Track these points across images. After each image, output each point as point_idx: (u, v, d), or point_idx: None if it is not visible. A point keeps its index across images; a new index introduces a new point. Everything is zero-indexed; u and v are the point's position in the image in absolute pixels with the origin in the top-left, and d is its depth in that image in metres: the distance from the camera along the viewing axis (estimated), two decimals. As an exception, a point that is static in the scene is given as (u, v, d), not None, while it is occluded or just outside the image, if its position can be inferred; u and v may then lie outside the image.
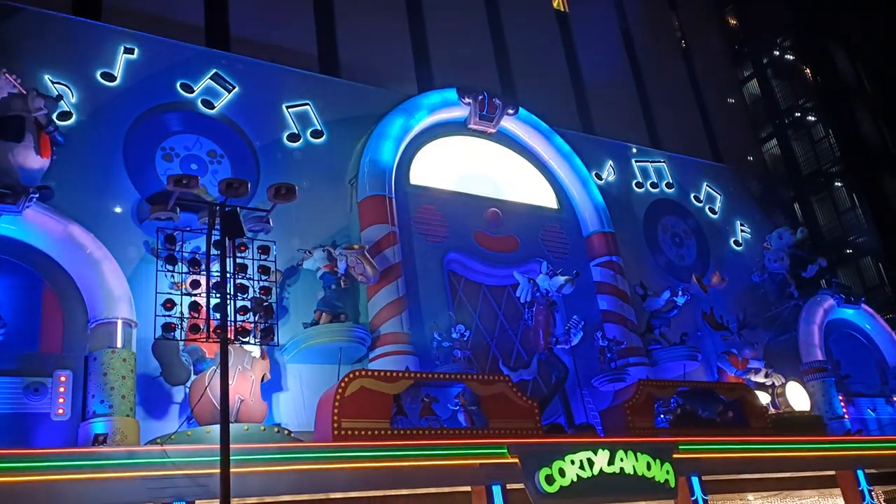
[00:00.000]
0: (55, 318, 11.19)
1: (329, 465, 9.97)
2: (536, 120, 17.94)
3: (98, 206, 12.32)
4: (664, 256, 19.32)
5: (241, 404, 10.90)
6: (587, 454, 11.56)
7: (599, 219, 17.70)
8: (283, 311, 12.97)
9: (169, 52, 14.29)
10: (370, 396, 10.79)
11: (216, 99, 14.39)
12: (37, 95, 11.15)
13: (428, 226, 15.53)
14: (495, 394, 11.89)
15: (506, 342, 15.72)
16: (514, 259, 16.19)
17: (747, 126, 27.34)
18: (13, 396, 10.25)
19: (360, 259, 13.25)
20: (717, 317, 17.71)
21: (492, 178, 17.09)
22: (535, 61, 20.97)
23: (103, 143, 12.90)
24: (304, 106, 15.32)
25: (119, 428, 10.29)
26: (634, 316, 16.85)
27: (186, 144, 13.78)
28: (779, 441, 14.05)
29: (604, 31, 23.54)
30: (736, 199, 21.98)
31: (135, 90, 13.60)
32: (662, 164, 20.66)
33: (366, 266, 13.27)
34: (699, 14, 27.58)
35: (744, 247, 21.10)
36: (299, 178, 13.30)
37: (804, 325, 18.17)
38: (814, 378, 17.23)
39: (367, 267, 13.30)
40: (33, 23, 13.19)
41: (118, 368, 10.69)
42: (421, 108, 16.39)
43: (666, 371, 16.33)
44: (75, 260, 11.31)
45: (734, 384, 15.67)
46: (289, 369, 12.91)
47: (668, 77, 24.42)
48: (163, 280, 10.84)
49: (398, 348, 13.32)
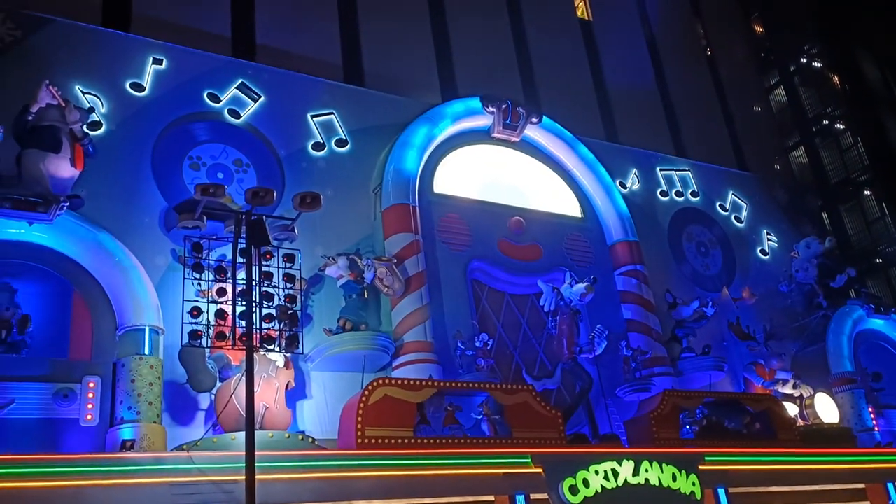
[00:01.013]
0: (84, 325, 11.36)
1: (352, 473, 9.99)
2: (560, 128, 17.92)
3: (126, 215, 12.50)
4: (689, 266, 19.17)
5: (265, 412, 10.95)
6: (612, 465, 11.46)
7: (624, 227, 17.61)
8: (308, 319, 13.04)
9: (196, 63, 14.48)
10: (393, 405, 10.80)
11: (242, 108, 14.55)
12: (74, 107, 11.35)
13: (451, 234, 15.55)
14: (519, 403, 11.84)
15: (529, 351, 15.67)
16: (537, 268, 16.15)
17: (774, 134, 27.05)
18: (43, 402, 10.37)
19: (391, 272, 13.28)
20: (744, 327, 17.52)
21: (515, 187, 17.08)
22: (559, 70, 20.95)
23: (132, 153, 13.10)
24: (329, 115, 15.43)
25: (146, 434, 10.40)
26: (659, 325, 16.72)
27: (213, 153, 13.94)
28: (807, 453, 13.84)
29: (628, 40, 23.46)
30: (762, 208, 21.76)
31: (163, 100, 13.81)
32: (687, 173, 20.52)
33: (394, 279, 13.31)
34: (725, 22, 27.38)
35: (770, 256, 20.87)
36: (324, 186, 13.41)
37: (833, 336, 17.90)
38: (843, 389, 16.98)
39: (396, 280, 13.34)
40: (64, 34, 13.44)
41: (145, 375, 10.83)
42: (445, 116, 16.44)
43: (691, 381, 16.17)
44: (104, 268, 11.47)
45: (761, 395, 15.48)
46: (313, 377, 12.97)
47: (694, 85, 24.26)
48: (189, 288, 10.95)
49: (421, 357, 13.34)
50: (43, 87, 11.16)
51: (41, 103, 11.07)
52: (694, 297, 17.14)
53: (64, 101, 11.38)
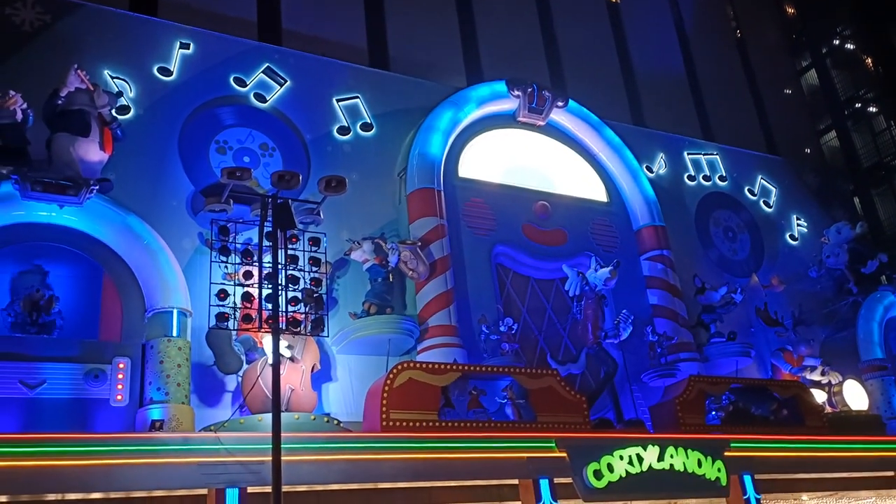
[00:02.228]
0: (114, 307, 11.52)
1: (377, 456, 10.05)
2: (586, 112, 17.74)
3: (154, 198, 12.61)
4: (716, 251, 18.97)
5: (291, 394, 11.05)
6: (636, 450, 11.43)
7: (650, 212, 17.45)
8: (333, 302, 13.10)
9: (223, 47, 14.53)
10: (418, 388, 10.83)
11: (268, 93, 14.59)
12: (102, 92, 11.45)
13: (476, 219, 15.51)
14: (543, 387, 11.82)
15: (554, 336, 15.63)
16: (562, 252, 16.06)
17: (805, 117, 26.60)
18: (74, 382, 10.54)
19: (415, 256, 13.31)
20: (772, 313, 17.30)
21: (540, 171, 16.97)
22: (586, 53, 20.74)
23: (160, 137, 13.19)
24: (354, 99, 15.42)
25: (174, 414, 10.54)
26: (685, 311, 16.58)
27: (239, 137, 14.01)
28: (835, 440, 13.70)
29: (656, 22, 23.14)
30: (792, 193, 21.42)
31: (190, 84, 13.88)
32: (716, 157, 20.26)
33: (419, 262, 13.34)
34: (755, 3, 26.91)
35: (800, 241, 20.58)
36: (349, 170, 13.43)
37: (863, 322, 17.64)
38: (873, 376, 16.75)
39: (420, 264, 13.37)
40: (93, 19, 13.54)
41: (174, 356, 10.96)
42: (470, 100, 16.35)
43: (718, 367, 16.03)
44: (133, 250, 11.61)
45: (789, 381, 15.31)
46: (338, 360, 13.05)
47: (723, 68, 23.89)
48: (216, 271, 11.05)
49: (446, 341, 13.34)
50: (72, 71, 11.26)
51: (70, 87, 11.17)
52: (722, 282, 16.94)
53: (93, 85, 11.47)
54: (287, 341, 11.13)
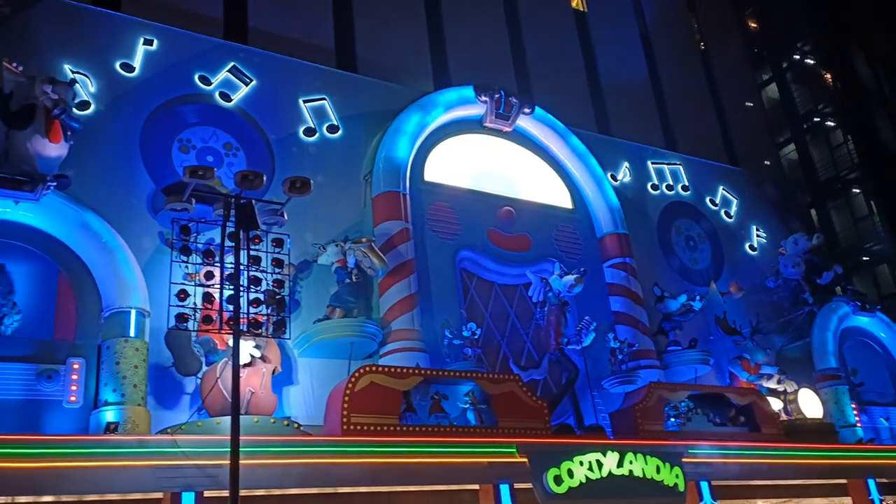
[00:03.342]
0: (69, 306, 11.27)
1: (337, 460, 10.00)
2: (552, 119, 17.88)
3: (114, 196, 12.38)
4: (678, 259, 19.22)
5: (251, 396, 10.91)
6: (596, 455, 11.52)
7: (613, 220, 17.63)
8: (296, 304, 13.00)
9: (188, 45, 14.34)
10: (380, 392, 10.79)
11: (233, 92, 14.43)
12: (43, 81, 11.06)
13: (441, 223, 15.52)
14: (505, 393, 11.87)
15: (517, 341, 15.68)
16: (527, 258, 16.16)
17: (765, 130, 27.11)
18: (27, 383, 10.33)
19: (367, 252, 13.22)
20: (730, 322, 17.58)
21: (506, 177, 17.05)
22: (553, 60, 20.89)
23: (121, 133, 12.97)
24: (321, 101, 15.33)
25: (130, 417, 10.36)
26: (647, 318, 16.77)
27: (203, 136, 13.83)
28: (790, 448, 13.96)
29: (622, 32, 23.40)
30: (752, 204, 21.82)
31: (153, 81, 13.67)
32: (678, 167, 20.54)
33: (373, 259, 13.25)
34: (719, 16, 27.36)
35: (759, 251, 20.96)
36: (314, 172, 13.33)
37: (818, 332, 18.04)
38: (827, 385, 17.11)
39: (375, 259, 13.28)
40: (55, 12, 13.25)
41: (130, 357, 10.77)
42: (437, 105, 16.37)
43: (677, 375, 16.23)
44: (90, 248, 11.37)
45: (746, 389, 15.55)
46: (300, 363, 12.93)
47: (686, 79, 24.25)
48: (177, 270, 10.86)
49: (409, 345, 13.33)
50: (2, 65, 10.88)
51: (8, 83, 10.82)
52: (682, 290, 17.18)
53: (30, 76, 11.08)
54: (255, 342, 11.00)
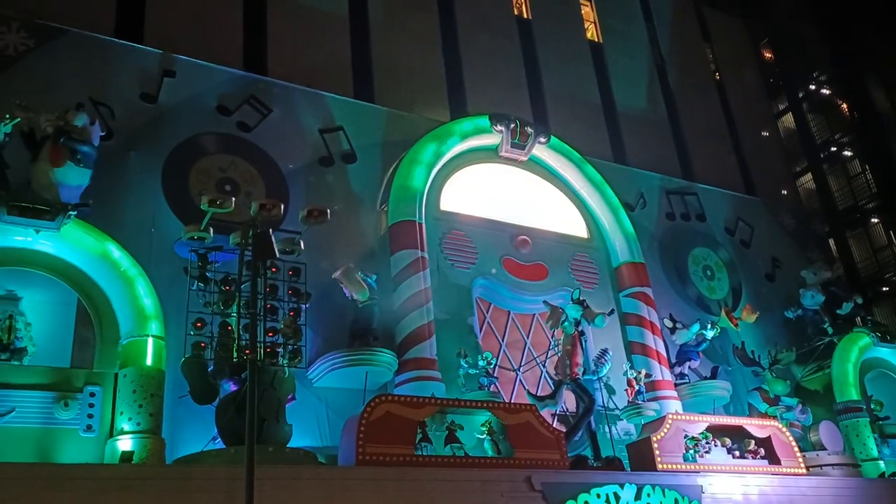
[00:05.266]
0: (88, 334, 11.32)
1: (352, 490, 9.91)
2: (568, 149, 17.93)
3: (134, 225, 12.51)
4: (694, 289, 19.10)
5: (266, 426, 10.87)
6: (613, 489, 11.36)
7: (630, 249, 17.57)
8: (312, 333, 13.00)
9: (208, 76, 14.59)
10: (395, 422, 10.72)
11: (252, 122, 14.61)
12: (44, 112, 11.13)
13: (457, 252, 15.53)
14: (521, 423, 11.76)
15: (533, 371, 15.58)
16: (542, 287, 16.10)
17: (782, 160, 27.04)
18: (44, 410, 10.33)
19: (341, 280, 12.98)
20: (749, 352, 17.40)
21: (522, 206, 17.06)
22: (568, 90, 21.03)
23: (142, 163, 13.14)
24: (338, 130, 15.48)
25: (146, 445, 10.34)
26: (664, 348, 16.64)
27: (221, 166, 13.97)
28: (810, 480, 13.70)
29: (637, 62, 23.54)
30: (769, 233, 21.71)
31: (173, 111, 13.89)
32: (695, 196, 20.50)
33: (346, 287, 13.01)
34: (734, 47, 27.47)
35: (777, 282, 20.78)
36: (331, 201, 13.44)
37: (838, 363, 17.79)
38: (848, 417, 16.84)
39: (349, 287, 13.02)
40: (77, 45, 13.56)
41: (147, 386, 10.78)
42: (453, 134, 16.47)
43: (695, 405, 16.05)
44: (109, 277, 11.45)
45: (765, 421, 15.33)
46: (315, 392, 12.91)
47: (702, 109, 24.31)
48: (194, 299, 10.93)
49: (424, 374, 13.28)
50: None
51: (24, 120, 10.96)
52: (695, 320, 17.04)
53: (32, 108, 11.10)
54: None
